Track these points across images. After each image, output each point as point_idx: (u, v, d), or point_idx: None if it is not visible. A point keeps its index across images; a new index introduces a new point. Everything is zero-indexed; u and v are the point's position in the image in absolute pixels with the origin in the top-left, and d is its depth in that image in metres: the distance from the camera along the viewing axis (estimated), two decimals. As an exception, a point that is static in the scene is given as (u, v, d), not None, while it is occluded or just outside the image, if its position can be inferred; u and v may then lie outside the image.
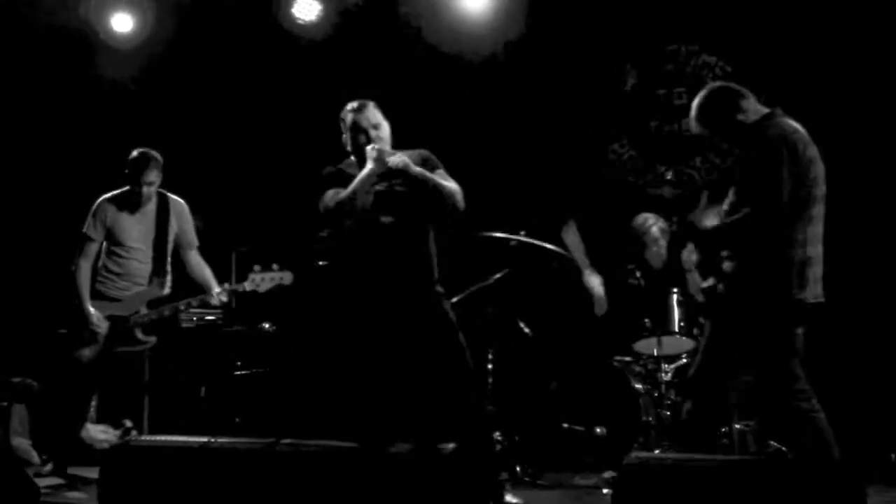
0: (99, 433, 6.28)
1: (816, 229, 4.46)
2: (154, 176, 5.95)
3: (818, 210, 4.46)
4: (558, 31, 7.69)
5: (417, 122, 5.34)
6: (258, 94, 8.12)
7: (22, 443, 6.43)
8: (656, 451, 5.68)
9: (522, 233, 6.12)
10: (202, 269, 6.09)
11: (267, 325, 6.96)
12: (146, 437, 4.45)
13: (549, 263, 6.22)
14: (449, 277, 5.28)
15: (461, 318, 5.53)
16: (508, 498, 5.14)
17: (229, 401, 6.70)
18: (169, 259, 6.10)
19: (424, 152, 5.08)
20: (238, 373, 6.82)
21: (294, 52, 8.07)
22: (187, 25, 8.09)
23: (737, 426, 5.68)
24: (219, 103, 8.13)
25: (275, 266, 5.75)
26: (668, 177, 7.45)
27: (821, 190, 4.47)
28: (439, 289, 4.94)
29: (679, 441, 5.06)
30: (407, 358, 4.82)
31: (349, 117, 4.98)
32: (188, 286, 6.10)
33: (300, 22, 7.87)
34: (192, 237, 6.17)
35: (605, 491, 5.40)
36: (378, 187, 4.85)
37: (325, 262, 6.04)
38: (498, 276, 6.24)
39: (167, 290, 6.06)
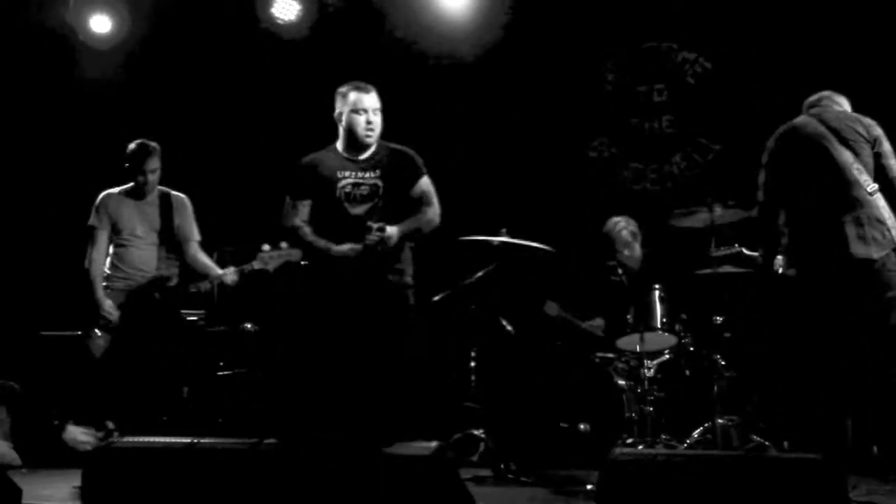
0: (81, 435, 6.26)
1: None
2: (155, 163, 6.03)
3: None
4: (537, 29, 7.70)
5: (396, 121, 5.35)
6: (238, 94, 8.11)
7: (2, 445, 6.40)
8: (640, 447, 5.70)
9: (504, 231, 6.13)
10: (202, 259, 6.13)
11: (249, 326, 6.95)
12: (129, 439, 4.42)
13: (531, 260, 6.25)
14: (432, 278, 5.32)
15: (444, 317, 5.57)
16: None
17: (212, 401, 6.68)
18: (175, 250, 6.13)
19: (410, 154, 5.19)
20: (221, 373, 6.80)
21: (274, 52, 8.06)
22: (167, 27, 8.07)
23: (720, 421, 5.70)
24: (198, 103, 8.12)
25: (283, 244, 5.76)
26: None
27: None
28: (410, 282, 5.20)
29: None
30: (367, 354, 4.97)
31: (352, 95, 5.09)
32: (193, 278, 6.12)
33: (280, 21, 7.87)
34: (192, 231, 6.21)
35: (588, 487, 5.42)
36: (350, 188, 5.06)
37: (307, 262, 6.03)
38: (480, 274, 6.26)
39: (176, 279, 6.09)
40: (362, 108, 5.08)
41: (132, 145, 6.04)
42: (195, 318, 6.87)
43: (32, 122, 8.05)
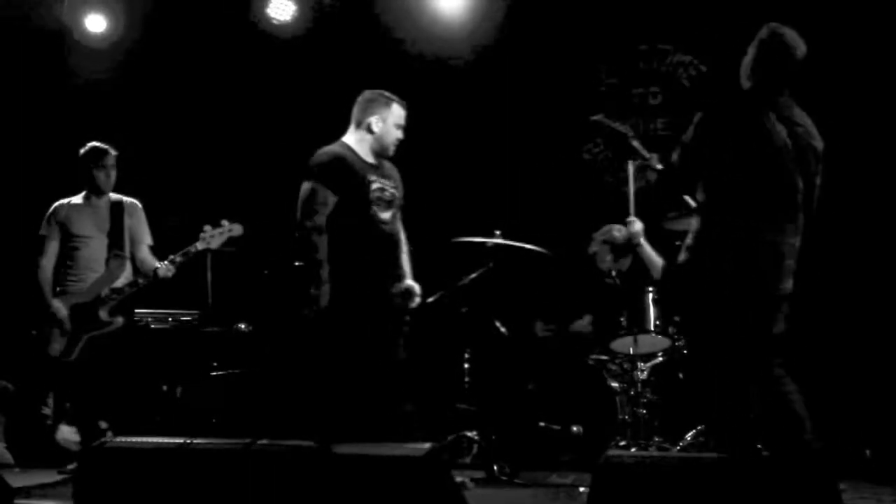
0: (73, 435, 6.25)
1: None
2: (105, 161, 6.11)
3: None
4: (532, 31, 7.71)
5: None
6: (233, 94, 8.10)
7: (-4, 445, 6.40)
8: (632, 450, 5.71)
9: (498, 233, 6.14)
10: (149, 262, 6.07)
11: (243, 326, 6.94)
12: (122, 439, 4.42)
13: (525, 262, 6.25)
14: (426, 279, 5.31)
15: (438, 318, 5.53)
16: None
17: (205, 402, 6.67)
18: (127, 249, 6.10)
19: (397, 174, 5.28)
20: (214, 374, 6.80)
21: (269, 52, 8.06)
22: (162, 26, 8.07)
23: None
24: (193, 103, 8.11)
25: (224, 221, 5.81)
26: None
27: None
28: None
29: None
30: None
31: (397, 109, 5.14)
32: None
33: (275, 22, 7.87)
34: (144, 234, 6.22)
35: (581, 489, 5.42)
36: (379, 192, 5.06)
37: (301, 263, 6.03)
38: (474, 275, 6.26)
39: (128, 277, 6.03)
40: (401, 125, 5.15)
41: (86, 146, 6.15)
42: (189, 318, 6.88)
43: (26, 121, 8.03)
